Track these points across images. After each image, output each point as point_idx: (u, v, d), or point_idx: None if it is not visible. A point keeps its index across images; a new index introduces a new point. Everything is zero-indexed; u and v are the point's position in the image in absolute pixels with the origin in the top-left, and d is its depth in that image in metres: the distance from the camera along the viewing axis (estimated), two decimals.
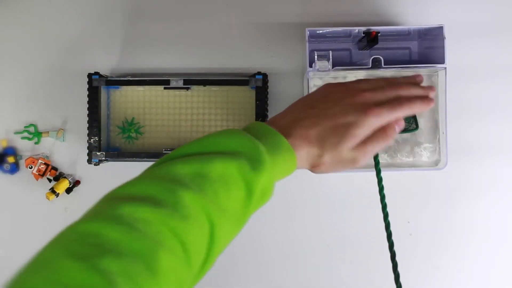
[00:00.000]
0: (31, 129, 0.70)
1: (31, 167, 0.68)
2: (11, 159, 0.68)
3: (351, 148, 0.44)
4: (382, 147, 0.46)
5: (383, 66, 0.63)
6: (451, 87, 0.64)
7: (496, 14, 0.70)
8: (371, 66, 0.64)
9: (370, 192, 0.57)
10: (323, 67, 0.62)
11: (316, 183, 0.69)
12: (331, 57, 0.62)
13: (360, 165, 0.46)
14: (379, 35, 0.64)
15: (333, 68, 0.62)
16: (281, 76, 0.69)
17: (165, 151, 0.66)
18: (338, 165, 0.45)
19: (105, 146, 0.68)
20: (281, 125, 0.45)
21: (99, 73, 0.66)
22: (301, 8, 0.70)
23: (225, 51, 0.70)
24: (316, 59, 0.62)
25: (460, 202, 0.69)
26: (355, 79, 0.49)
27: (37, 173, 0.68)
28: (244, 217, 0.40)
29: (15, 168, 0.69)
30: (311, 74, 0.63)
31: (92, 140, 0.66)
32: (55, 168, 0.69)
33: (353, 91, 0.47)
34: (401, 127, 0.46)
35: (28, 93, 0.70)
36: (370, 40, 0.64)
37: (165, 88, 0.68)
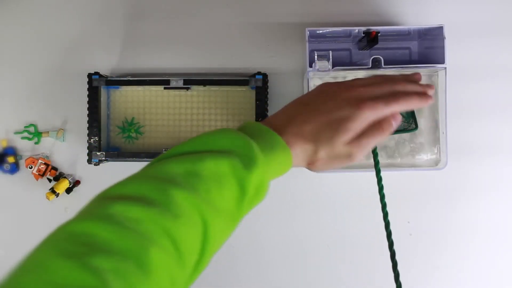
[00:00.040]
0: (31, 129, 0.70)
1: (31, 167, 0.68)
2: (11, 159, 0.68)
3: (345, 142, 0.44)
4: (378, 141, 0.45)
5: (383, 66, 0.63)
6: (451, 87, 0.64)
7: (496, 14, 0.70)
8: (371, 66, 0.64)
9: (370, 192, 0.57)
10: (323, 67, 0.62)
11: (316, 183, 0.69)
12: (331, 57, 0.62)
13: (356, 160, 0.45)
14: (379, 35, 0.64)
15: (333, 68, 0.62)
16: (281, 76, 0.69)
17: (165, 151, 0.66)
18: (334, 161, 0.44)
19: (105, 146, 0.68)
20: (276, 123, 0.44)
21: (99, 73, 0.66)
22: (301, 8, 0.70)
23: (225, 51, 0.70)
24: (316, 59, 0.62)
25: (460, 202, 0.69)
26: (353, 78, 0.49)
27: (37, 173, 0.68)
28: (238, 215, 0.39)
29: (15, 168, 0.69)
30: (311, 74, 0.63)
31: (92, 140, 0.66)
32: (55, 168, 0.69)
33: (348, 87, 0.46)
34: (398, 121, 0.45)
35: (28, 93, 0.70)
36: (370, 40, 0.64)
37: (165, 88, 0.68)
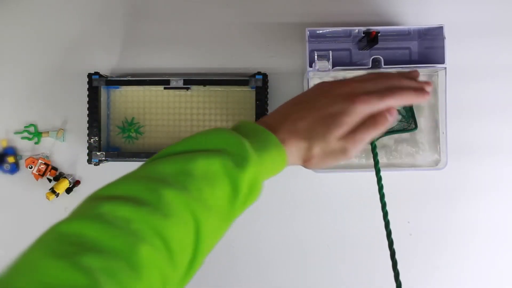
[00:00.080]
0: (31, 129, 0.70)
1: (31, 167, 0.68)
2: (11, 159, 0.68)
3: (339, 137, 0.43)
4: (373, 136, 0.44)
5: (383, 66, 0.63)
6: (451, 87, 0.64)
7: (496, 14, 0.70)
8: (371, 66, 0.64)
9: (370, 192, 0.57)
10: (323, 67, 0.62)
11: (316, 183, 0.69)
12: (331, 57, 0.62)
13: (351, 156, 0.44)
14: (379, 35, 0.64)
15: (333, 68, 0.62)
16: (281, 76, 0.69)
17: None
18: (328, 157, 0.44)
19: (105, 146, 0.68)
20: (270, 122, 0.44)
21: (99, 73, 0.66)
22: (301, 8, 0.70)
23: (225, 51, 0.70)
24: (316, 59, 0.62)
25: (460, 202, 0.69)
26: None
27: (37, 173, 0.68)
28: (231, 214, 0.39)
29: (15, 168, 0.69)
30: (311, 74, 0.63)
31: (92, 140, 0.66)
32: (55, 168, 0.69)
33: (343, 83, 0.46)
34: (394, 116, 0.44)
35: (28, 93, 0.70)
36: (370, 40, 0.64)
37: (165, 88, 0.68)
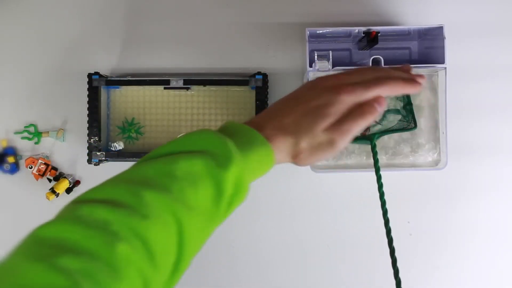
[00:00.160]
0: (31, 129, 0.70)
1: (31, 167, 0.68)
2: (11, 159, 0.68)
3: (325, 128, 0.42)
4: (361, 126, 0.43)
5: (383, 66, 0.63)
6: (451, 87, 0.64)
7: (496, 14, 0.70)
8: (371, 66, 0.64)
9: (370, 192, 0.57)
10: (323, 67, 0.62)
11: (316, 183, 0.69)
12: (331, 57, 0.62)
13: (339, 147, 0.43)
14: (379, 35, 0.64)
15: (333, 68, 0.62)
16: (281, 76, 0.69)
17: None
18: (317, 150, 0.43)
19: (105, 146, 0.68)
20: (257, 121, 0.44)
21: (99, 73, 0.66)
22: (301, 8, 0.70)
23: (225, 51, 0.70)
24: (316, 59, 0.62)
25: (460, 202, 0.69)
26: None
27: (37, 173, 0.68)
28: (217, 215, 0.39)
29: (15, 168, 0.69)
30: (311, 74, 0.63)
31: (92, 140, 0.66)
32: (55, 168, 0.69)
33: (329, 76, 0.45)
34: (382, 105, 0.43)
35: (28, 93, 0.70)
36: (370, 40, 0.64)
37: (165, 88, 0.68)
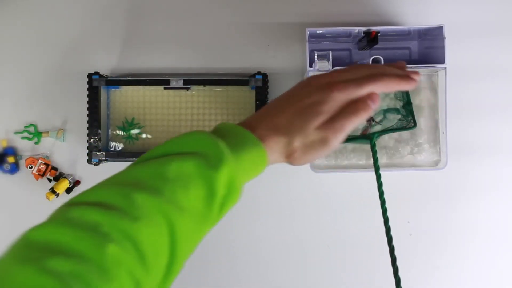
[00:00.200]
0: (31, 129, 0.70)
1: (31, 167, 0.68)
2: (11, 159, 0.68)
3: (318, 127, 0.42)
4: (354, 123, 0.42)
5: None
6: (451, 87, 0.64)
7: (496, 14, 0.70)
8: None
9: (370, 192, 0.57)
10: (323, 67, 0.62)
11: (316, 183, 0.69)
12: (331, 57, 0.62)
13: (332, 145, 0.42)
14: (379, 35, 0.64)
15: (333, 68, 0.62)
16: (281, 76, 0.69)
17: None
18: (310, 149, 0.42)
19: (105, 146, 0.68)
20: (250, 122, 0.44)
21: (99, 73, 0.66)
22: (301, 8, 0.70)
23: (225, 51, 0.70)
24: (316, 59, 0.62)
25: (460, 202, 0.69)
26: None
27: (37, 173, 0.68)
28: (210, 216, 0.39)
29: (15, 168, 0.69)
30: (311, 74, 0.63)
31: (92, 140, 0.66)
32: (55, 168, 0.69)
33: (322, 75, 0.45)
34: (375, 102, 0.42)
35: (28, 93, 0.70)
36: (370, 40, 0.64)
37: (165, 88, 0.68)
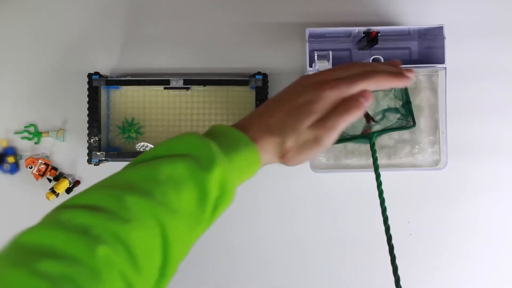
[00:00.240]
0: (31, 129, 0.70)
1: (31, 167, 0.68)
2: (11, 159, 0.68)
3: (310, 126, 0.41)
4: (347, 121, 0.42)
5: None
6: (451, 87, 0.64)
7: (496, 14, 0.70)
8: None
9: (370, 192, 0.57)
10: (323, 67, 0.62)
11: (316, 183, 0.69)
12: (331, 57, 0.62)
13: (325, 144, 0.42)
14: (379, 35, 0.64)
15: None
16: (281, 76, 0.69)
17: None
18: (303, 149, 0.42)
19: (105, 146, 0.68)
20: (243, 123, 0.44)
21: (99, 73, 0.66)
22: (301, 8, 0.70)
23: (225, 51, 0.70)
24: (316, 59, 0.62)
25: (460, 202, 0.69)
26: None
27: (37, 173, 0.68)
28: (203, 217, 0.39)
29: (15, 168, 0.69)
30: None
31: (92, 140, 0.66)
32: (55, 168, 0.69)
33: (314, 74, 0.45)
34: (368, 99, 0.42)
35: (28, 93, 0.70)
36: (370, 40, 0.64)
37: (165, 88, 0.68)
